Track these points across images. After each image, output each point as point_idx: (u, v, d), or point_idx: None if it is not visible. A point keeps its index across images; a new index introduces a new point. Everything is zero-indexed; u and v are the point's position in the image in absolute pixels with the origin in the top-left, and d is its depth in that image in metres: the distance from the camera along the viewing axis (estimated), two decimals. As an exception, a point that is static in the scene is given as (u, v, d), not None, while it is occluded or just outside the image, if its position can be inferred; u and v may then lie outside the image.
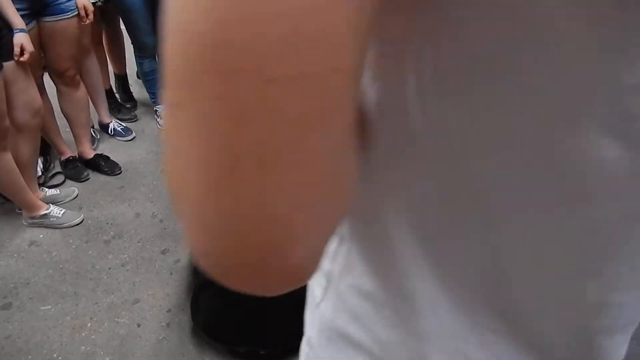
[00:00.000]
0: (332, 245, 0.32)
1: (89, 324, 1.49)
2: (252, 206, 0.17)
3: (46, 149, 2.15)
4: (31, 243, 1.83)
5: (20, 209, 1.91)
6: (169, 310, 1.54)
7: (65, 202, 2.02)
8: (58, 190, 2.07)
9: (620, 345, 0.29)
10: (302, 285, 0.23)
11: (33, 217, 1.88)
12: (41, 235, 1.86)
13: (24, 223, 1.90)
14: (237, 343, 1.33)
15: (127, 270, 1.70)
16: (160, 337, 1.45)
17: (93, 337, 1.45)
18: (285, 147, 0.16)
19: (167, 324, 1.49)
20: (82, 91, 2.10)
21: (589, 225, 0.23)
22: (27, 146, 1.85)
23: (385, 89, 0.23)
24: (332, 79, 0.16)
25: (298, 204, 0.18)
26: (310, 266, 0.22)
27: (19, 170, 1.77)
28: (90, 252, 1.78)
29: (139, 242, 1.82)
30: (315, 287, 0.35)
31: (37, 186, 1.98)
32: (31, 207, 1.86)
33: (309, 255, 0.21)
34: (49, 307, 1.56)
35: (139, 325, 1.49)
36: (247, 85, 0.15)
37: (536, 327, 0.28)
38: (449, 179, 0.24)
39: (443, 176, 0.24)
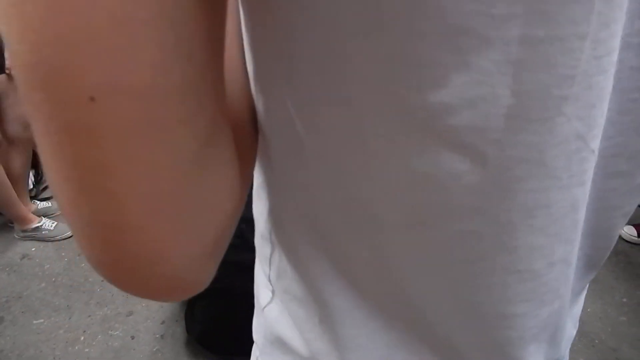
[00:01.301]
0: (268, 250, 0.33)
1: (82, 337, 1.48)
2: (111, 216, 0.17)
3: (37, 161, 2.14)
4: (23, 256, 1.82)
5: (12, 222, 1.90)
6: (163, 322, 1.53)
7: (58, 215, 2.01)
8: (50, 203, 2.06)
9: (533, 355, 0.28)
10: (194, 293, 0.23)
11: (25, 230, 1.87)
12: (33, 249, 1.86)
13: (16, 236, 1.89)
14: (232, 354, 1.33)
15: (121, 282, 1.69)
16: (155, 349, 1.45)
17: (87, 350, 1.44)
18: (120, 160, 0.16)
19: (162, 336, 1.49)
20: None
21: (461, 239, 0.23)
22: (18, 159, 1.85)
23: (267, 100, 0.24)
24: (149, 94, 0.16)
25: (156, 213, 0.18)
26: (193, 275, 0.22)
27: (11, 183, 1.76)
28: (83, 264, 1.77)
29: (132, 253, 1.82)
30: (261, 293, 0.35)
31: (28, 199, 1.98)
32: (23, 220, 1.85)
33: (187, 264, 0.21)
34: (42, 320, 1.55)
35: (132, 338, 1.48)
36: (70, 104, 0.15)
37: (452, 340, 0.28)
38: (336, 188, 0.24)
39: (331, 185, 0.24)
